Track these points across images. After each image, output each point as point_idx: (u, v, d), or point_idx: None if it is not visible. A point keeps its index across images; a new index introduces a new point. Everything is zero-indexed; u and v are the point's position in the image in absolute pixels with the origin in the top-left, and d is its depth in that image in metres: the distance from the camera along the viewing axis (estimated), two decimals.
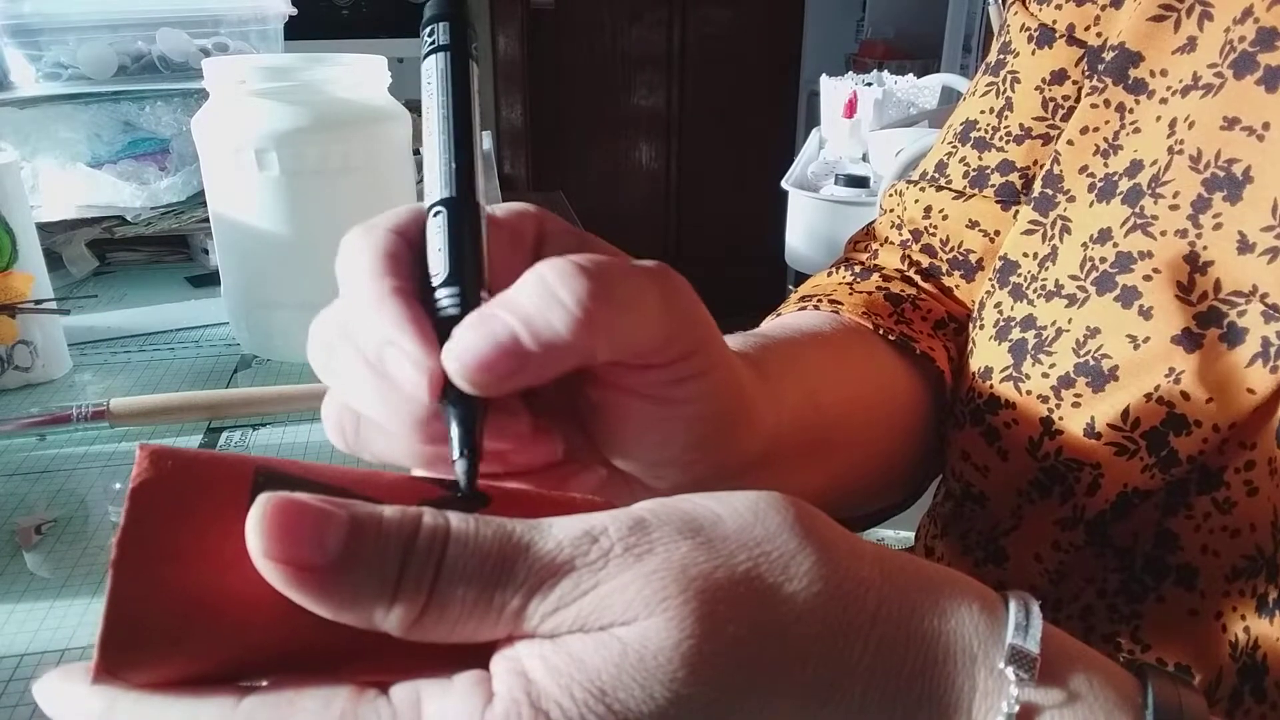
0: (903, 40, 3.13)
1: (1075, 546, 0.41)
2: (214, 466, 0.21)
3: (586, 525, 0.22)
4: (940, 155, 0.53)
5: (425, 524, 0.21)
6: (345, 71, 0.64)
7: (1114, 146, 0.42)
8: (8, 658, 0.40)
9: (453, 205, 0.26)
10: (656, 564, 0.21)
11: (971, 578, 0.25)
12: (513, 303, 0.25)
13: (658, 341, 0.27)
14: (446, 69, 0.27)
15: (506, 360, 0.24)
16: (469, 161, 0.27)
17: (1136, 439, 0.38)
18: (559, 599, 0.21)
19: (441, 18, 0.27)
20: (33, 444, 0.57)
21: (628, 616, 0.21)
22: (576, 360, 0.25)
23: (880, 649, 0.22)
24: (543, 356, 0.24)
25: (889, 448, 0.46)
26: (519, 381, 0.25)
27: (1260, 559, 0.35)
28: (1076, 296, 0.40)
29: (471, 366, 0.24)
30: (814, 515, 0.23)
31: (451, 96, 0.27)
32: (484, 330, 0.24)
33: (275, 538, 0.20)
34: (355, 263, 0.27)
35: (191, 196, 0.82)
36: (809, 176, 1.96)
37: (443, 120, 0.27)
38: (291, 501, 0.20)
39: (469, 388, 0.24)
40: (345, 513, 0.20)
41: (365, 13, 2.49)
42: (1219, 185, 0.37)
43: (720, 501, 0.23)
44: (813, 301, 0.49)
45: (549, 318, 0.24)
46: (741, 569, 0.22)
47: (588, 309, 0.24)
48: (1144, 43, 0.42)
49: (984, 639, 0.23)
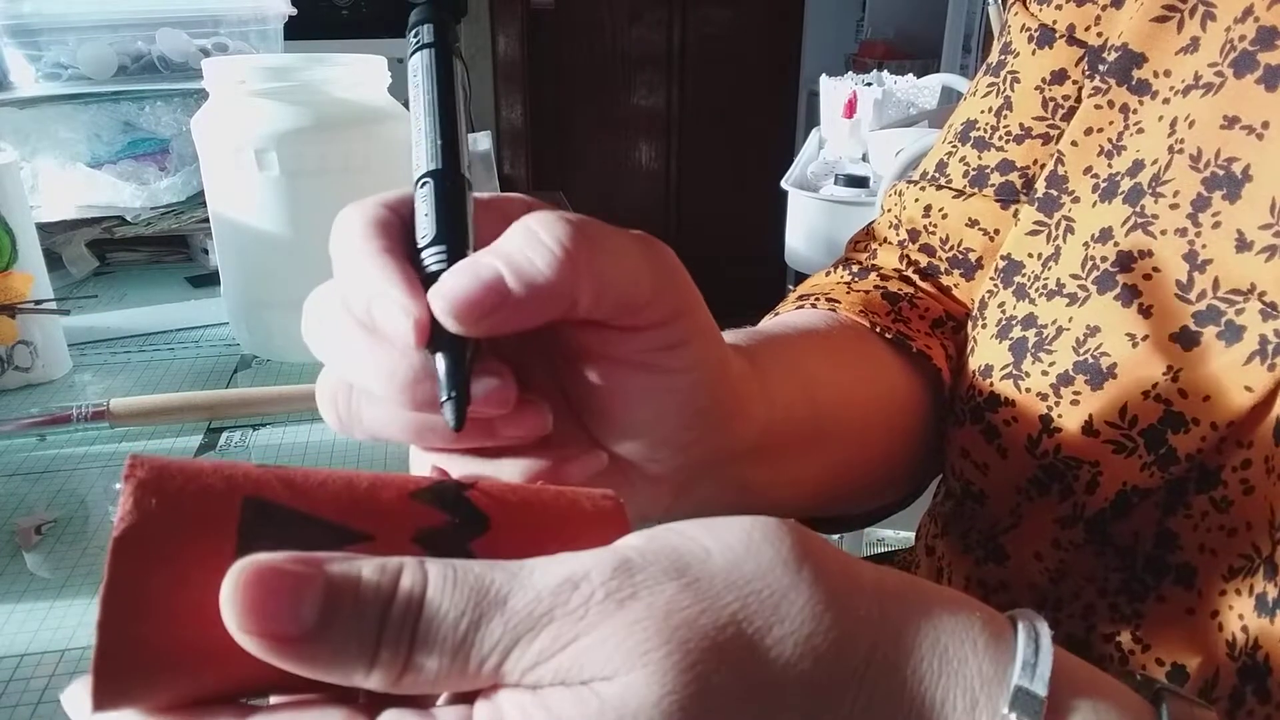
0: (903, 40, 3.13)
1: (1075, 545, 0.41)
2: (201, 501, 0.21)
3: (569, 570, 0.21)
4: (940, 155, 0.53)
5: (401, 588, 0.20)
6: (345, 71, 0.64)
7: (1118, 147, 0.42)
8: (8, 658, 0.40)
9: (438, 175, 0.28)
10: (639, 612, 0.20)
11: (978, 601, 0.24)
12: (497, 247, 0.25)
13: (643, 296, 0.28)
14: (431, 63, 0.29)
15: (490, 296, 0.24)
16: (453, 139, 0.28)
17: (1134, 436, 0.38)
18: (538, 654, 0.20)
19: (425, 20, 0.30)
20: (33, 444, 0.57)
21: (608, 671, 0.20)
22: (561, 304, 0.26)
23: (874, 696, 0.21)
24: (526, 297, 0.25)
25: (886, 444, 0.46)
26: (503, 321, 0.25)
27: (1257, 558, 0.35)
28: (1077, 295, 0.40)
29: (456, 303, 0.24)
30: (809, 545, 0.22)
31: (436, 83, 0.29)
32: (469, 271, 0.25)
33: (249, 612, 0.19)
34: (346, 233, 0.27)
35: (191, 196, 0.82)
36: (809, 176, 1.96)
37: (428, 105, 0.29)
38: (266, 570, 0.20)
39: (454, 325, 0.24)
40: (321, 577, 0.20)
41: (365, 13, 2.49)
42: (1218, 184, 0.37)
43: (711, 533, 0.22)
44: (810, 300, 0.49)
45: (531, 257, 0.25)
46: (728, 612, 0.21)
47: (569, 250, 0.25)
48: (1147, 43, 0.42)
49: (987, 679, 0.22)
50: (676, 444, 0.31)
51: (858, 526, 0.52)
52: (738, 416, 0.33)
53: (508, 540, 0.22)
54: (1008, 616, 0.24)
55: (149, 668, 0.20)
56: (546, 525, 0.23)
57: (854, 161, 1.96)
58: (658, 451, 0.31)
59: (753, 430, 0.34)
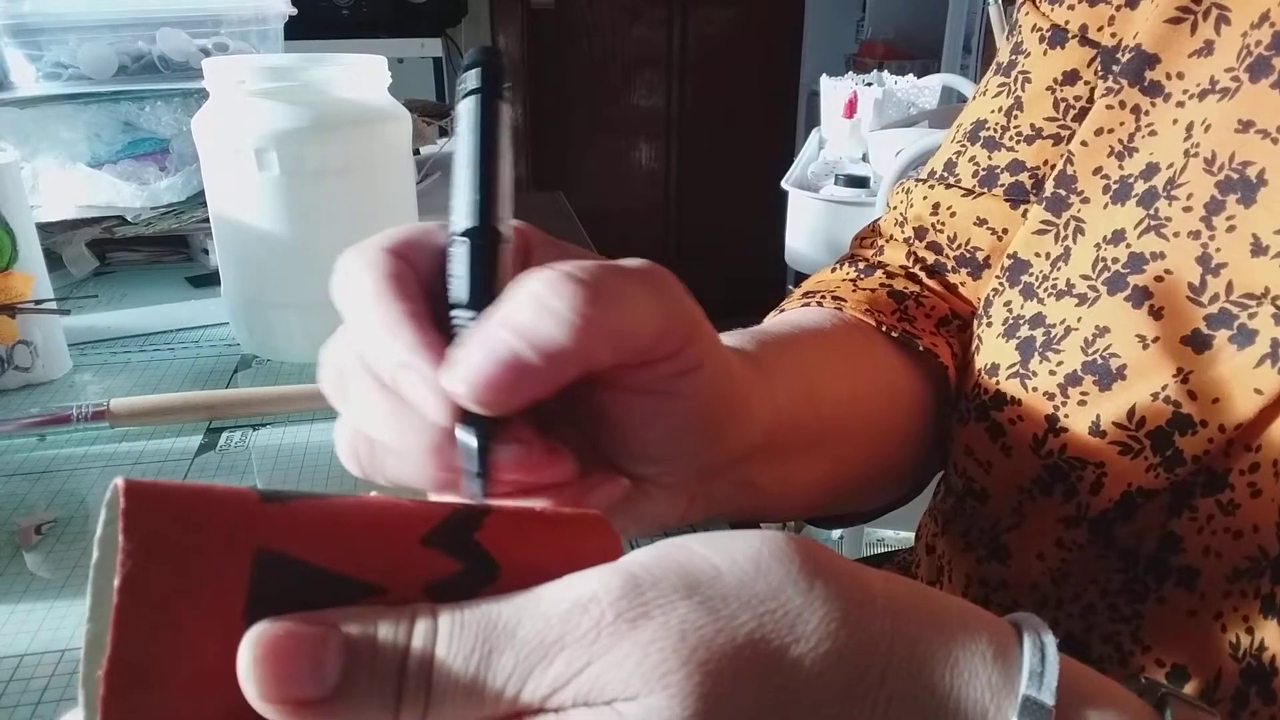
0: (903, 40, 3.13)
1: (1079, 545, 0.41)
2: (210, 555, 0.20)
3: (576, 594, 0.21)
4: (949, 154, 0.53)
5: (414, 640, 0.20)
6: (345, 71, 0.64)
7: (1129, 149, 0.42)
8: (8, 658, 0.40)
9: (474, 234, 0.27)
10: (654, 631, 0.20)
11: (983, 610, 0.24)
12: (508, 318, 0.25)
13: (654, 336, 0.27)
14: (476, 111, 0.29)
15: (510, 375, 0.24)
16: (492, 195, 0.28)
17: (1141, 438, 0.38)
18: (554, 680, 0.20)
19: (473, 65, 0.30)
20: (33, 444, 0.57)
21: (629, 692, 0.20)
22: (580, 366, 0.25)
23: (889, 710, 0.21)
24: (546, 367, 0.24)
25: (890, 443, 0.46)
26: (526, 394, 0.25)
27: (1264, 560, 0.35)
28: (1087, 296, 0.40)
29: (477, 387, 0.24)
30: (819, 561, 0.22)
31: (480, 134, 0.29)
32: (484, 349, 0.24)
33: (269, 681, 0.19)
34: (360, 286, 0.27)
35: (191, 196, 0.82)
36: (809, 176, 1.96)
37: (469, 156, 0.28)
38: (283, 637, 0.19)
39: (477, 408, 0.24)
40: (339, 638, 0.20)
41: (365, 13, 2.49)
42: (1233, 188, 0.37)
43: (719, 551, 0.22)
44: (815, 298, 0.49)
45: (545, 327, 0.24)
46: (744, 631, 0.21)
47: (583, 314, 0.24)
48: (1161, 45, 0.41)
49: (996, 690, 0.22)
50: (686, 456, 0.31)
51: (858, 523, 0.52)
52: (744, 419, 0.33)
53: (517, 584, 0.22)
54: (1011, 624, 0.24)
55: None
56: (553, 555, 0.23)
57: (854, 162, 1.96)
58: (671, 465, 0.31)
59: (758, 431, 0.34)
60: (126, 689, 0.19)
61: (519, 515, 0.24)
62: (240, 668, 0.19)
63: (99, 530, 0.20)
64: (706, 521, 0.36)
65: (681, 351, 0.28)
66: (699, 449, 0.31)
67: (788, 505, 0.41)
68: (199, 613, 0.19)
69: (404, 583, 0.21)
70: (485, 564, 0.22)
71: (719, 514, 0.37)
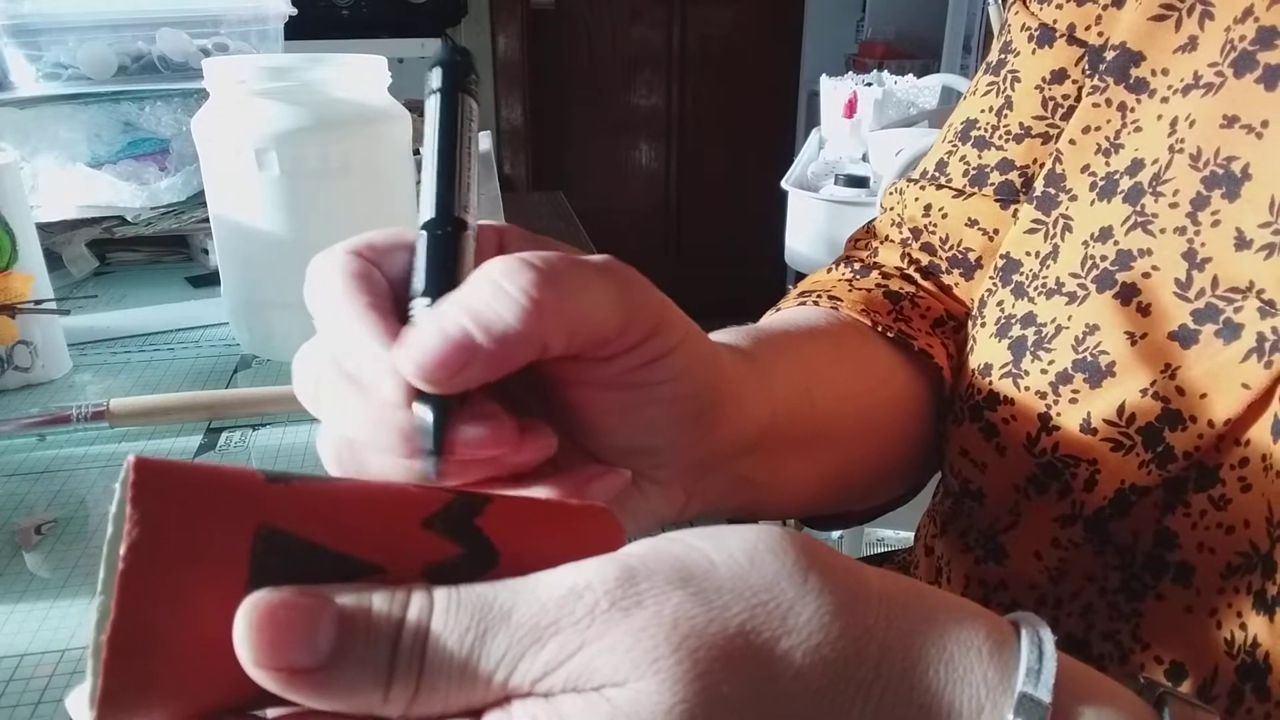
0: (903, 40, 3.13)
1: (1075, 544, 0.41)
2: (213, 528, 0.20)
3: (572, 581, 0.21)
4: (940, 154, 0.53)
5: (409, 616, 0.20)
6: (345, 71, 0.64)
7: (1115, 145, 0.42)
8: (8, 658, 0.40)
9: (430, 226, 0.28)
10: (646, 619, 0.20)
11: (981, 607, 0.24)
12: (460, 299, 0.25)
13: (613, 328, 0.28)
14: (437, 110, 0.30)
15: (459, 354, 0.24)
16: (449, 189, 0.29)
17: (1132, 434, 0.38)
18: (546, 664, 0.20)
19: (436, 64, 0.31)
20: (33, 444, 0.57)
21: (618, 678, 0.20)
22: (531, 351, 0.25)
23: (882, 705, 0.21)
24: (496, 349, 0.24)
25: (887, 443, 0.46)
26: (475, 375, 0.25)
27: (1255, 556, 0.35)
28: (1077, 294, 0.41)
29: (425, 365, 0.24)
30: (814, 555, 0.22)
31: (440, 131, 0.29)
32: (434, 329, 0.24)
33: (263, 647, 0.19)
34: (325, 287, 0.27)
35: (191, 196, 0.82)
36: (809, 176, 1.96)
37: (430, 153, 0.29)
38: (278, 606, 0.20)
39: (425, 385, 0.24)
40: (333, 609, 0.20)
41: (365, 13, 2.49)
42: (1218, 183, 0.37)
43: (714, 544, 0.22)
44: (812, 297, 0.49)
45: (496, 309, 0.25)
46: (736, 622, 0.21)
47: (534, 297, 0.25)
48: (1145, 42, 0.42)
49: (992, 687, 0.22)
50: (675, 448, 0.31)
51: (856, 524, 0.52)
52: (735, 413, 0.33)
53: (516, 571, 0.22)
54: (1010, 621, 0.24)
55: (155, 701, 0.20)
56: (554, 546, 0.23)
57: (854, 161, 1.96)
58: (658, 458, 0.31)
59: (752, 426, 0.34)
60: (129, 653, 0.19)
61: (522, 504, 0.24)
62: (236, 634, 0.20)
63: (113, 508, 0.21)
64: (704, 518, 0.36)
65: (646, 342, 0.29)
66: (684, 439, 0.31)
67: (785, 502, 0.41)
68: (201, 583, 0.20)
69: (403, 563, 0.22)
70: (485, 550, 0.23)
71: (717, 511, 0.37)
